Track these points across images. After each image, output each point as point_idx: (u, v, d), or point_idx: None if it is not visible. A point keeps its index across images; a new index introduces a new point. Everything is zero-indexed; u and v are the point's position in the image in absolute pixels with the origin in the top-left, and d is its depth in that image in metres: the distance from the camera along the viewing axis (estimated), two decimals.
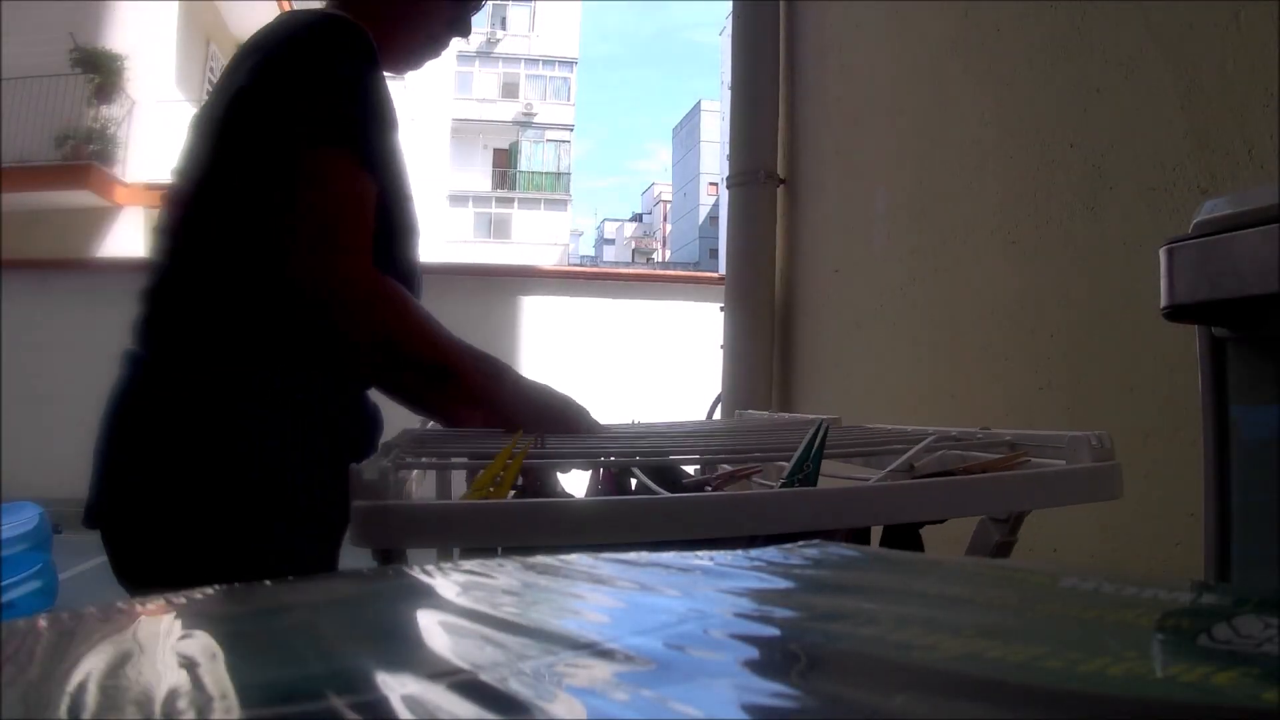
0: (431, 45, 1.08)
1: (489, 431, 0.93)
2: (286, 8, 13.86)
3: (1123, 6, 1.24)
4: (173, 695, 0.20)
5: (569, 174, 28.48)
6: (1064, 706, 0.19)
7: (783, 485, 0.69)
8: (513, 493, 0.68)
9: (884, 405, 1.50)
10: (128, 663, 0.23)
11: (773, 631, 0.26)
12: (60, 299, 6.00)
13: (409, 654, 0.23)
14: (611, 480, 0.87)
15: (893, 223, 1.71)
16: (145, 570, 0.95)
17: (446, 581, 0.34)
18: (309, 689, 0.20)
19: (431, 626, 0.27)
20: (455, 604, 0.30)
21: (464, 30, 1.09)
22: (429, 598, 0.32)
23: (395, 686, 0.20)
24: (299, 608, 0.32)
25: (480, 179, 27.63)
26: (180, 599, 0.32)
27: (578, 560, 0.37)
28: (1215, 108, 1.09)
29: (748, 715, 0.19)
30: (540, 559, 0.38)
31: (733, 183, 2.47)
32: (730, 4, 2.54)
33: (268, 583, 0.33)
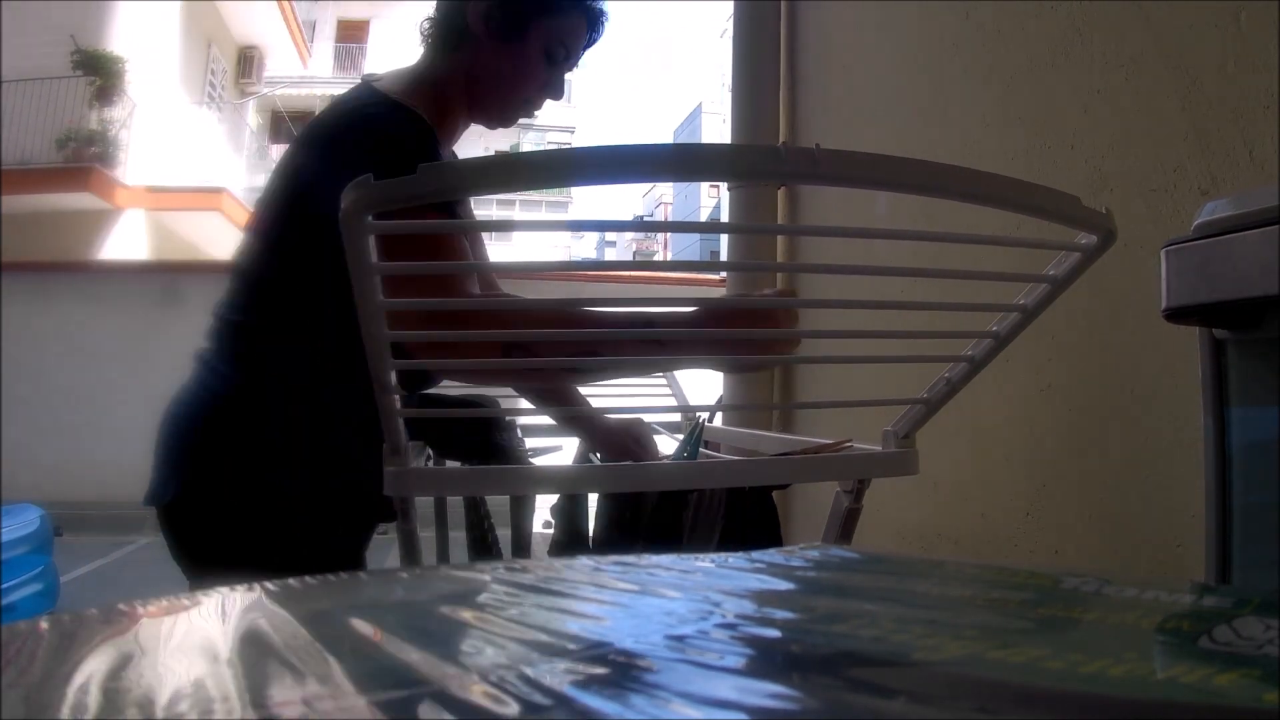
0: (526, 107, 1.16)
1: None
2: (287, 8, 13.81)
3: (1123, 7, 1.24)
4: (175, 697, 0.20)
5: None
6: (1065, 708, 0.19)
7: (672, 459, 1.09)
8: None
9: (885, 409, 1.50)
10: (129, 664, 0.23)
11: (774, 633, 0.26)
12: (61, 301, 6.00)
13: (413, 656, 0.23)
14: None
15: (892, 224, 1.71)
16: (208, 553, 1.07)
17: (449, 584, 0.34)
18: (311, 691, 0.20)
19: (435, 628, 0.27)
20: (458, 606, 0.30)
21: (557, 93, 1.16)
22: (432, 600, 0.32)
23: (399, 688, 0.20)
24: (303, 610, 0.32)
25: None
26: (188, 600, 0.32)
27: (580, 563, 0.38)
28: (1216, 109, 1.09)
29: (749, 716, 0.19)
30: (542, 561, 0.38)
31: (733, 185, 2.47)
32: (731, 5, 2.54)
33: (270, 584, 0.34)
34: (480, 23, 1.09)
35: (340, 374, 1.04)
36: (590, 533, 1.23)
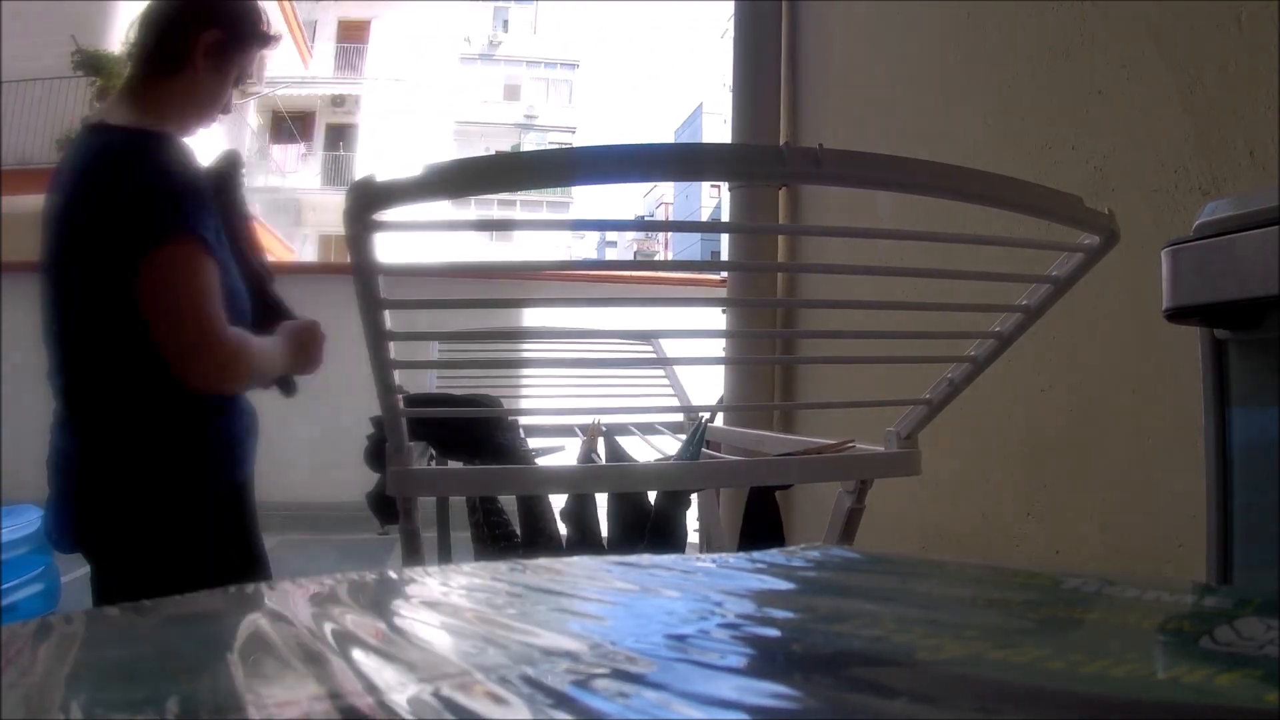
0: (227, 107, 1.33)
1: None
2: (287, 8, 13.76)
3: (1124, 7, 1.24)
4: (176, 697, 0.20)
5: None
6: (1067, 708, 0.19)
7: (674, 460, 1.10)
8: None
9: (887, 409, 1.51)
10: (130, 665, 0.23)
11: (775, 633, 0.26)
12: None
13: (413, 656, 0.23)
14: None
15: (895, 224, 1.71)
16: (130, 580, 1.16)
17: (449, 584, 0.34)
18: (311, 690, 0.20)
19: (435, 629, 0.27)
20: (458, 607, 0.30)
21: (229, 109, 1.33)
22: (432, 600, 0.32)
23: (399, 688, 0.20)
24: (303, 609, 0.32)
25: None
26: (185, 601, 0.32)
27: (580, 563, 0.38)
28: (1217, 109, 1.09)
29: (749, 716, 0.19)
30: (542, 561, 0.38)
31: (734, 185, 2.47)
32: (731, 5, 2.54)
33: (270, 585, 0.34)
34: (201, 54, 1.23)
35: (163, 387, 1.14)
36: (604, 534, 1.23)
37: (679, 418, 1.63)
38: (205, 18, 1.24)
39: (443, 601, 0.31)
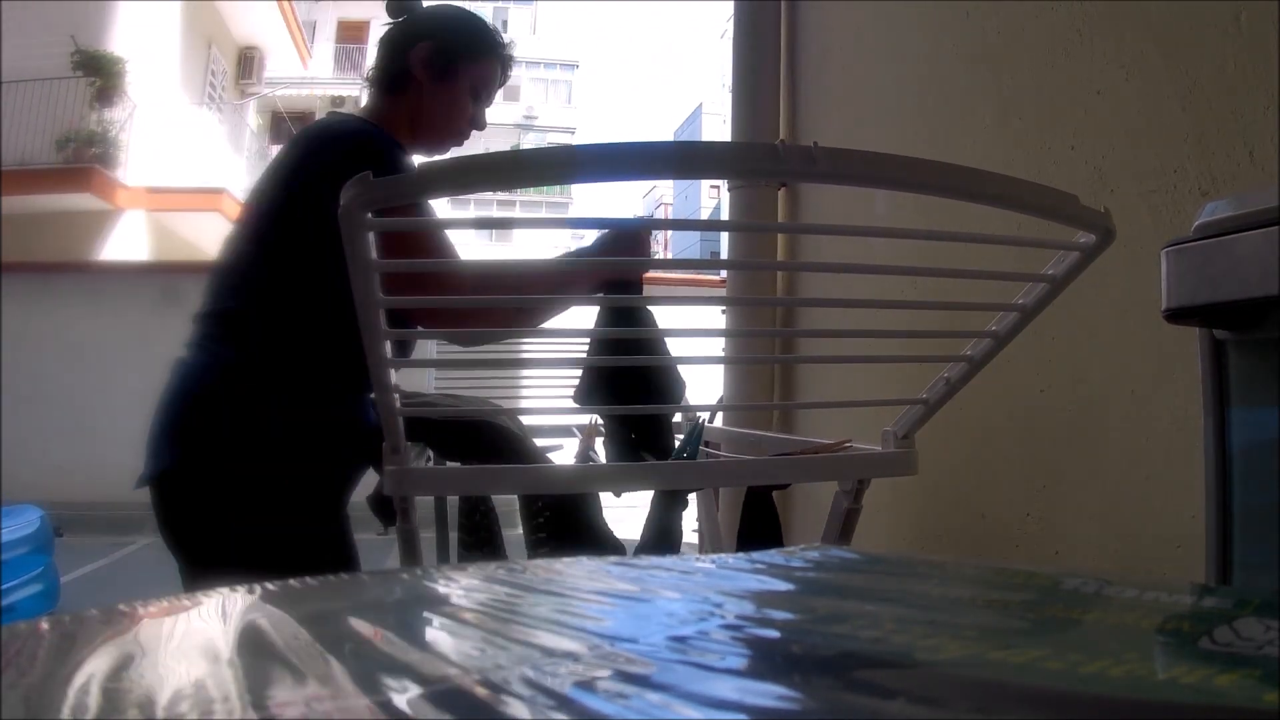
0: (458, 138, 1.37)
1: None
2: (287, 8, 13.77)
3: (1123, 7, 1.24)
4: (175, 697, 0.20)
5: None
6: (1065, 708, 0.19)
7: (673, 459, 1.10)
8: None
9: (884, 409, 1.51)
10: (130, 665, 0.23)
11: (774, 634, 0.26)
12: (62, 302, 6.00)
13: (413, 656, 0.23)
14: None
15: (892, 224, 1.71)
16: (198, 523, 1.11)
17: (450, 585, 0.34)
18: (311, 691, 0.20)
19: (435, 629, 0.27)
20: (458, 607, 0.30)
21: (480, 125, 1.38)
22: (432, 601, 0.32)
23: (399, 689, 0.20)
24: (303, 610, 0.32)
25: None
26: (185, 601, 0.32)
27: (579, 563, 0.38)
28: (1216, 109, 1.09)
29: (749, 717, 0.19)
30: (542, 562, 0.38)
31: (734, 185, 2.47)
32: (731, 5, 2.54)
33: (269, 585, 0.34)
34: (420, 66, 1.29)
35: (326, 350, 1.13)
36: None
37: (677, 417, 1.63)
38: (417, 31, 1.31)
39: (442, 602, 0.31)
